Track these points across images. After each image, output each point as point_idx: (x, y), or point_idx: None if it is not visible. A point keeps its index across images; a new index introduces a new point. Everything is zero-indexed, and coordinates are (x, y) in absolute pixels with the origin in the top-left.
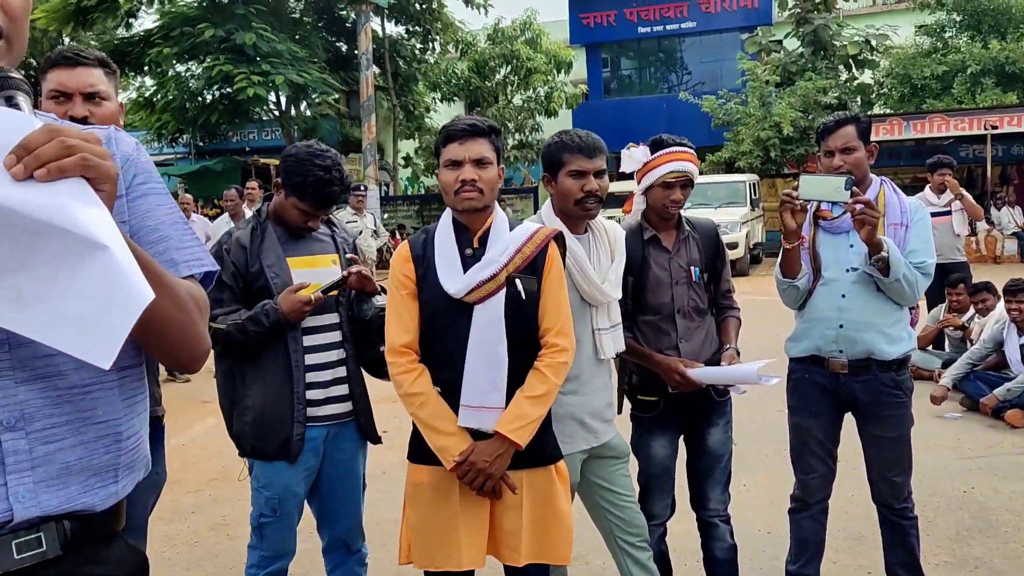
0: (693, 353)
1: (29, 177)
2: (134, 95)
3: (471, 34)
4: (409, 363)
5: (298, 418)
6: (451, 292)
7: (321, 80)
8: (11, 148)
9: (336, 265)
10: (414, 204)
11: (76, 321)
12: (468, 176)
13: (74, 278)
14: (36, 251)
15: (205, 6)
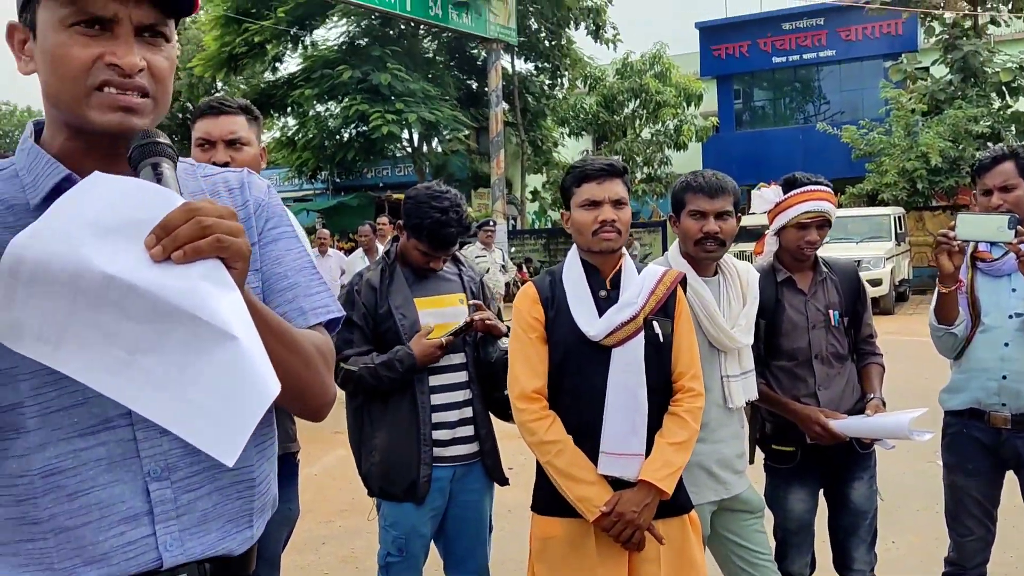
0: (833, 402)
1: (167, 259)
2: (277, 134)
3: (600, 69)
4: (542, 409)
5: (424, 459)
6: (591, 335)
7: (452, 117)
8: (151, 225)
9: (463, 304)
10: (541, 238)
11: (201, 412)
12: (609, 216)
13: (202, 366)
14: (168, 335)
15: (344, 49)
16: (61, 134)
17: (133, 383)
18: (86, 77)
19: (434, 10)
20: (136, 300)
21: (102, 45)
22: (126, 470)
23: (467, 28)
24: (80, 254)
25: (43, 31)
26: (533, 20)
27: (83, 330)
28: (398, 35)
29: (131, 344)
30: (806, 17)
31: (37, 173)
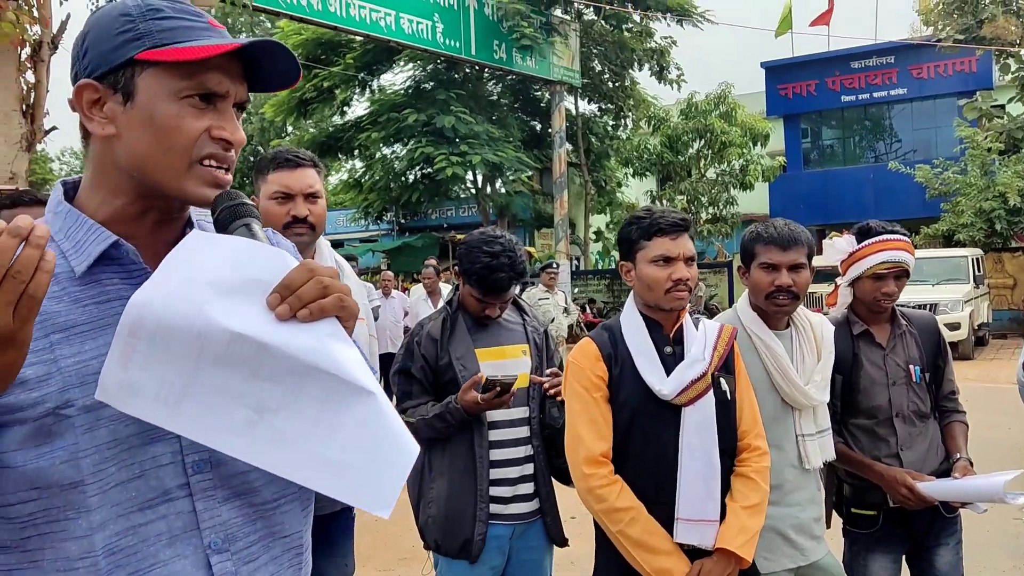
0: (917, 463)
1: (292, 318)
2: (344, 176)
3: (664, 109)
4: (610, 474)
5: (480, 516)
6: (662, 394)
7: (516, 159)
8: (270, 285)
9: (526, 356)
10: (605, 278)
11: (344, 468)
12: (683, 275)
13: (339, 423)
14: (300, 392)
15: (410, 93)
16: (118, 198)
17: (261, 442)
18: (193, 149)
19: (499, 54)
20: (266, 358)
21: (209, 119)
22: (187, 544)
23: (531, 71)
24: (205, 312)
25: (148, 99)
26: (597, 62)
27: (205, 390)
28: (463, 79)
29: (259, 403)
30: (876, 56)
31: (79, 239)
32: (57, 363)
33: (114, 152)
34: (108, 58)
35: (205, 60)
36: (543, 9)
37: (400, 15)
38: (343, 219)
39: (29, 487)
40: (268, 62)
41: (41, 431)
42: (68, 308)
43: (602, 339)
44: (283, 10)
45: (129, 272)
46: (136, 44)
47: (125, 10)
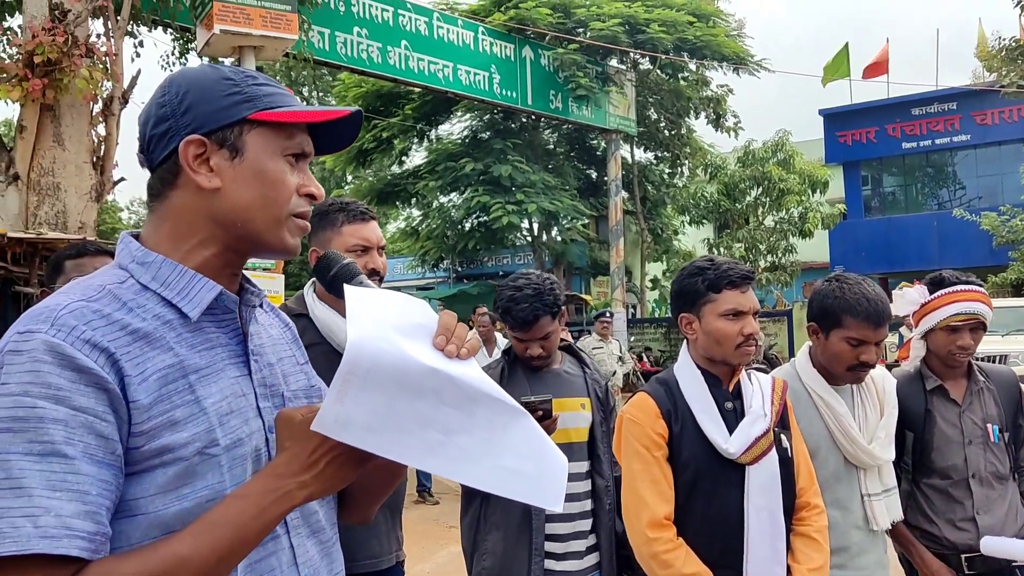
0: (995, 528)
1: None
2: (402, 224)
3: (721, 157)
4: (675, 537)
5: (535, 571)
6: (729, 452)
7: (571, 207)
8: (427, 328)
9: (586, 410)
10: (661, 327)
11: (519, 475)
12: (755, 329)
13: (507, 439)
14: (475, 416)
15: (467, 142)
16: (208, 249)
17: (451, 460)
18: (289, 202)
19: (555, 103)
20: (452, 389)
21: (297, 176)
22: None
23: (587, 120)
24: (403, 351)
25: (256, 155)
26: (652, 110)
27: (402, 418)
28: (519, 128)
29: (445, 426)
30: (938, 102)
31: (182, 287)
32: (199, 403)
33: (213, 205)
34: (217, 116)
35: (299, 124)
36: (599, 60)
37: (458, 67)
38: (400, 267)
39: (162, 531)
40: (337, 126)
41: (188, 472)
42: (190, 353)
43: (660, 394)
44: (344, 63)
45: (220, 321)
46: (248, 105)
47: (225, 75)
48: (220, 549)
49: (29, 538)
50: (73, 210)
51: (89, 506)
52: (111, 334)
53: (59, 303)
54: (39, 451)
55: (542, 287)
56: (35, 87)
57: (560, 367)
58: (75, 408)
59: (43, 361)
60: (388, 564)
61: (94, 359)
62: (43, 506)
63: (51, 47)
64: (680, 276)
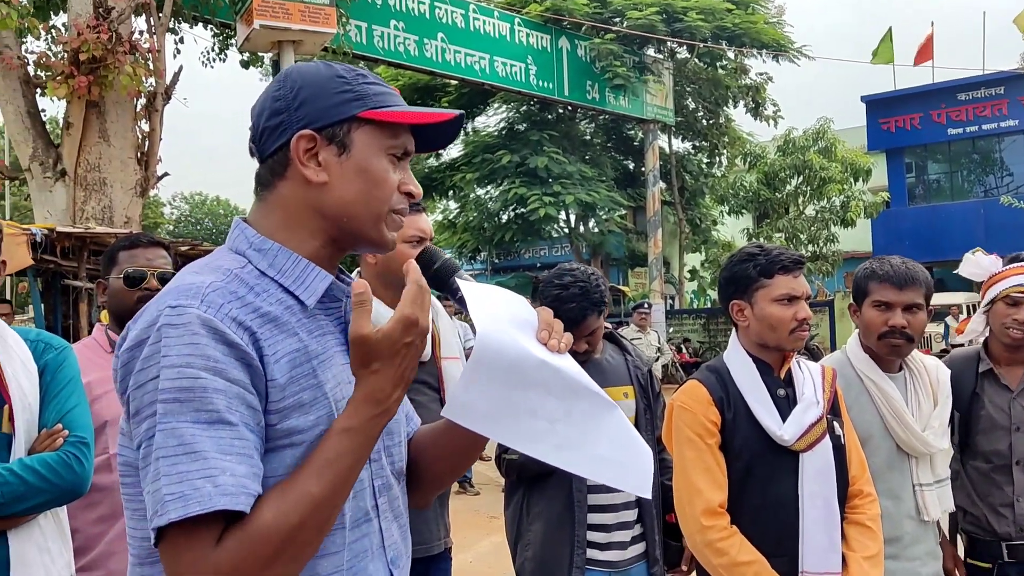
0: None
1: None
2: (440, 217)
3: (760, 146)
4: (729, 525)
5: (576, 563)
6: (783, 439)
7: (609, 198)
8: (529, 323)
9: (629, 399)
10: (700, 317)
11: (612, 463)
12: (808, 314)
13: (601, 429)
14: (574, 407)
15: (504, 134)
16: (316, 240)
17: (554, 447)
18: (391, 199)
19: (591, 94)
20: (559, 380)
21: (398, 174)
22: (379, 560)
23: (624, 110)
24: (521, 345)
25: (363, 152)
26: (690, 100)
27: (516, 406)
28: (556, 119)
29: (550, 415)
30: (984, 87)
31: (298, 276)
32: (322, 387)
33: (319, 198)
34: (328, 113)
35: (404, 123)
36: (636, 49)
37: (494, 58)
38: None
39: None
40: (439, 127)
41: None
42: (309, 338)
43: (711, 382)
44: (382, 57)
45: (328, 310)
46: (358, 103)
47: (339, 72)
48: (340, 482)
49: (211, 496)
50: (119, 205)
51: (255, 468)
52: (248, 314)
53: (202, 281)
54: (206, 419)
55: (588, 284)
56: (81, 84)
57: (601, 356)
58: (230, 379)
59: (200, 334)
60: (437, 550)
61: (240, 336)
62: (220, 467)
63: (96, 44)
64: (730, 263)
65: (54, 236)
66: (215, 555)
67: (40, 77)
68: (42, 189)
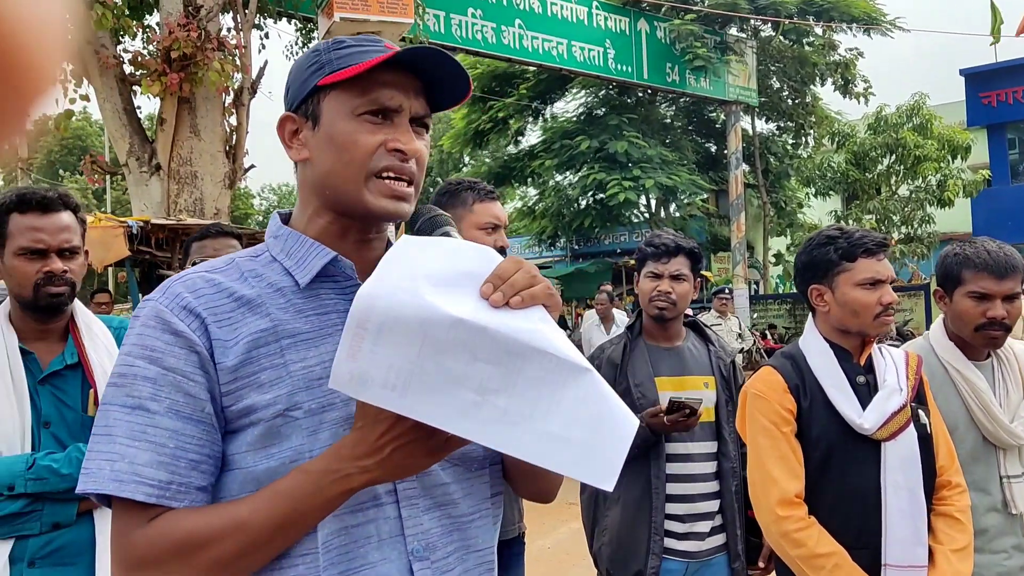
0: None
1: (504, 305)
2: (519, 204)
3: (849, 125)
4: (807, 516)
5: (654, 549)
6: (863, 427)
7: (690, 181)
8: (481, 277)
9: (710, 389)
10: (786, 303)
11: (568, 444)
12: (893, 298)
13: (558, 400)
14: (518, 373)
15: (583, 120)
16: (322, 218)
17: (487, 423)
18: (369, 162)
19: (671, 76)
20: (486, 342)
21: (385, 132)
22: (392, 548)
23: (706, 92)
24: (426, 301)
25: (330, 120)
26: (775, 79)
27: (429, 375)
28: (635, 103)
29: (481, 385)
30: None
31: (300, 256)
32: (287, 367)
33: (310, 175)
34: (300, 90)
35: (377, 77)
36: (717, 29)
37: (572, 43)
38: (517, 246)
39: (256, 487)
40: (439, 74)
41: (271, 432)
42: (293, 317)
43: (786, 369)
44: (459, 45)
45: (343, 288)
46: (319, 73)
47: (316, 47)
48: (277, 519)
49: (104, 479)
50: (209, 197)
51: (164, 457)
52: (214, 301)
53: (181, 274)
54: (129, 404)
55: (686, 235)
56: (172, 81)
57: (684, 343)
58: (166, 368)
59: (148, 325)
60: (511, 535)
61: (187, 323)
62: (121, 453)
63: (186, 42)
64: (808, 246)
65: (149, 228)
66: (136, 534)
67: (135, 75)
68: (138, 183)
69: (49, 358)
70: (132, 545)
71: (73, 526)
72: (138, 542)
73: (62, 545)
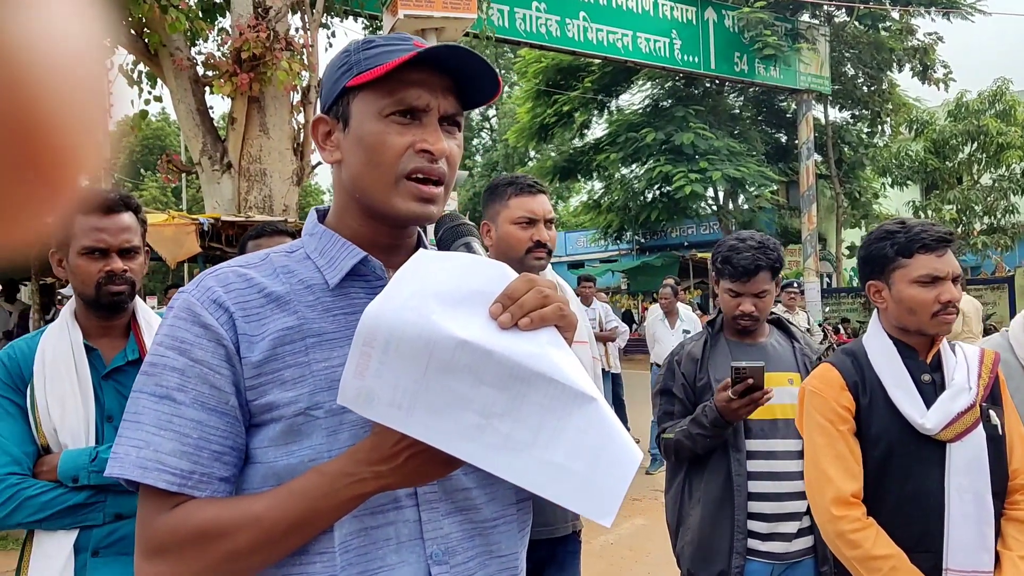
0: None
1: (513, 326)
2: (584, 198)
3: (928, 112)
4: (863, 516)
5: (737, 549)
6: (925, 428)
7: (759, 173)
8: (491, 296)
9: (794, 385)
10: (859, 297)
11: (568, 474)
12: (954, 296)
13: (561, 428)
14: (522, 398)
15: (648, 112)
16: (354, 220)
17: (489, 448)
18: (398, 164)
19: (740, 66)
20: (491, 365)
21: (413, 133)
22: (411, 551)
23: (776, 81)
24: (432, 322)
25: (358, 121)
26: (849, 66)
27: (434, 396)
28: (702, 94)
29: (485, 408)
30: None
31: (333, 255)
32: (310, 366)
33: (342, 177)
34: (331, 91)
35: (404, 77)
36: (788, 16)
37: (637, 35)
38: (583, 240)
39: (277, 482)
40: (468, 72)
41: (292, 430)
42: (320, 316)
43: (845, 365)
44: (524, 39)
45: (373, 288)
46: (348, 74)
47: (347, 48)
48: (291, 517)
49: (130, 465)
50: (277, 194)
51: (187, 447)
52: (244, 296)
53: (215, 268)
54: (158, 393)
55: (766, 242)
56: (243, 81)
57: (767, 339)
58: (193, 359)
59: (179, 317)
60: (563, 532)
61: (216, 317)
62: (147, 440)
63: (255, 43)
64: (867, 241)
65: (219, 225)
66: (157, 520)
67: (207, 76)
68: (211, 181)
69: (112, 354)
70: (153, 531)
71: (135, 517)
72: (159, 528)
73: (124, 535)
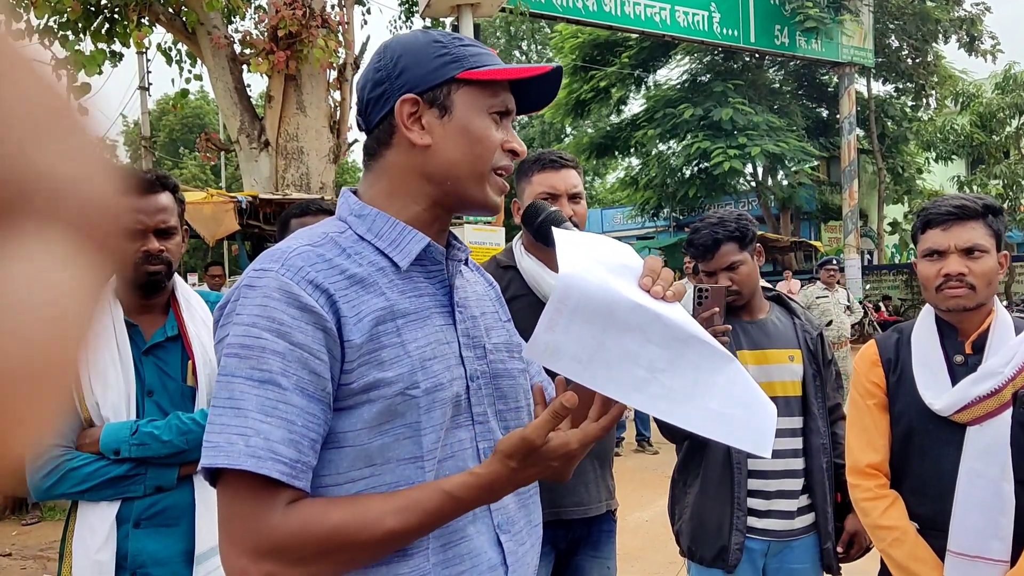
0: None
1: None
2: (621, 174)
3: (975, 84)
4: (878, 488)
5: (738, 525)
6: (935, 407)
7: (799, 148)
8: (633, 269)
9: (795, 362)
10: (901, 274)
11: (727, 419)
12: (953, 270)
13: (713, 383)
14: (680, 357)
15: (686, 87)
16: (418, 204)
17: (655, 398)
18: (492, 158)
19: (780, 39)
20: (658, 327)
21: (501, 133)
22: (483, 522)
23: (817, 54)
24: (612, 286)
25: (464, 112)
26: (893, 38)
27: (609, 352)
28: (741, 68)
29: (651, 364)
30: None
31: (394, 239)
32: (405, 347)
33: (424, 162)
34: (428, 77)
35: (503, 82)
36: None
37: (675, 8)
38: (620, 217)
39: (367, 463)
40: (540, 85)
41: (389, 410)
42: (400, 298)
43: (887, 343)
44: (560, 14)
45: (428, 272)
46: (455, 65)
47: (435, 38)
48: (416, 529)
49: (240, 455)
50: (314, 171)
51: (294, 435)
52: (332, 277)
53: (290, 247)
54: (258, 378)
55: (726, 217)
56: (279, 59)
57: (767, 316)
58: (294, 343)
59: (272, 297)
60: (597, 512)
61: (316, 299)
62: (255, 428)
63: (291, 20)
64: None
65: (257, 203)
66: (272, 519)
67: (245, 55)
68: (249, 159)
69: (152, 330)
70: (269, 530)
71: (175, 490)
72: (276, 528)
73: (165, 508)
